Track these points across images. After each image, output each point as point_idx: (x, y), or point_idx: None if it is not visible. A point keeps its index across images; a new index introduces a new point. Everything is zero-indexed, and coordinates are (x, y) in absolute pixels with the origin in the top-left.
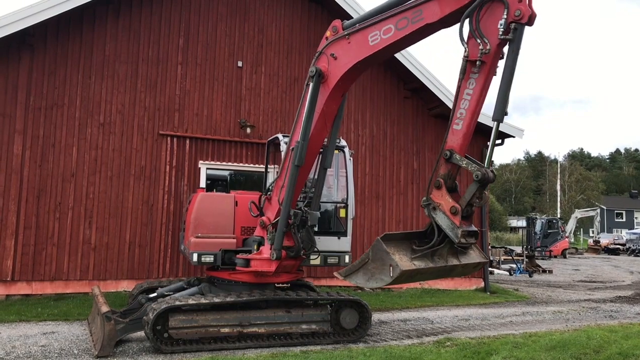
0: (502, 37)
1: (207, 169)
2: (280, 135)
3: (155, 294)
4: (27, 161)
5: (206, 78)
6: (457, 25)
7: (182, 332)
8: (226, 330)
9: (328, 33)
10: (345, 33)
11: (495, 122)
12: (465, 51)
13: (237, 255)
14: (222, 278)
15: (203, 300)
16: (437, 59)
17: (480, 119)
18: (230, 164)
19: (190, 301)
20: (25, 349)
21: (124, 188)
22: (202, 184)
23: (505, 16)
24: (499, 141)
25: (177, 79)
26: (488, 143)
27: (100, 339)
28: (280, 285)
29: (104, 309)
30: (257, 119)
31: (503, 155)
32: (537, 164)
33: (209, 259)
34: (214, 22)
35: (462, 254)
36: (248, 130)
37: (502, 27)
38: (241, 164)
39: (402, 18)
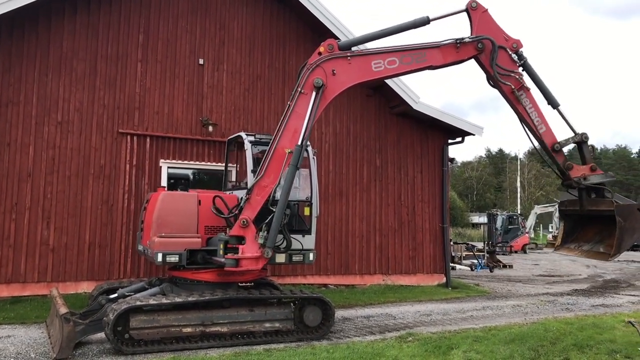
0: (520, 64)
1: (169, 167)
2: (243, 134)
3: (115, 295)
4: None
5: (167, 76)
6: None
7: (143, 333)
8: (188, 330)
9: (322, 49)
10: (348, 55)
11: (557, 109)
12: (511, 86)
13: (227, 256)
14: (184, 278)
15: (164, 300)
16: None
17: (442, 118)
18: (192, 162)
19: (152, 301)
20: None
21: (83, 188)
22: (164, 182)
23: (510, 53)
24: (459, 139)
25: (137, 77)
26: (449, 140)
27: (59, 341)
28: (244, 284)
29: (63, 310)
30: (220, 117)
31: (465, 152)
32: (498, 161)
33: (174, 258)
34: (175, 19)
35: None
36: (210, 128)
37: (516, 59)
38: (203, 163)
39: (406, 55)
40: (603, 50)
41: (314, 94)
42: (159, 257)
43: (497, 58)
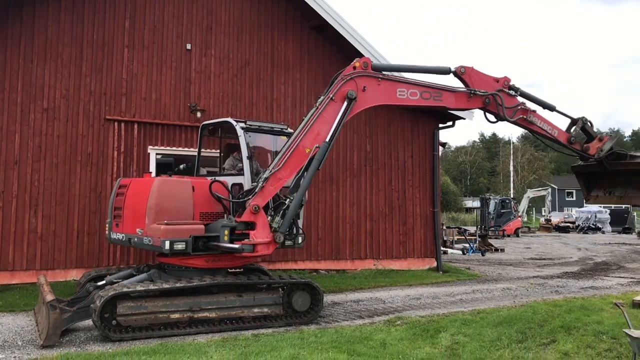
0: (518, 94)
1: (157, 154)
2: (232, 120)
3: (103, 282)
4: None
5: (154, 61)
6: None
7: (130, 319)
8: (176, 316)
9: (357, 64)
10: (380, 77)
11: (554, 111)
12: (523, 117)
13: (244, 241)
14: (172, 264)
15: (152, 287)
16: (392, 46)
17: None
18: (180, 149)
19: (139, 287)
20: None
21: (71, 175)
22: (152, 169)
23: (509, 91)
24: (449, 123)
25: (124, 63)
26: (440, 124)
27: (46, 328)
28: (233, 269)
29: (49, 297)
30: (208, 103)
31: (458, 137)
32: (492, 145)
33: (181, 246)
34: (161, 4)
35: None
36: (198, 114)
37: (514, 92)
38: (192, 149)
39: (426, 90)
40: (593, 35)
41: (345, 103)
42: (167, 245)
43: (499, 101)
